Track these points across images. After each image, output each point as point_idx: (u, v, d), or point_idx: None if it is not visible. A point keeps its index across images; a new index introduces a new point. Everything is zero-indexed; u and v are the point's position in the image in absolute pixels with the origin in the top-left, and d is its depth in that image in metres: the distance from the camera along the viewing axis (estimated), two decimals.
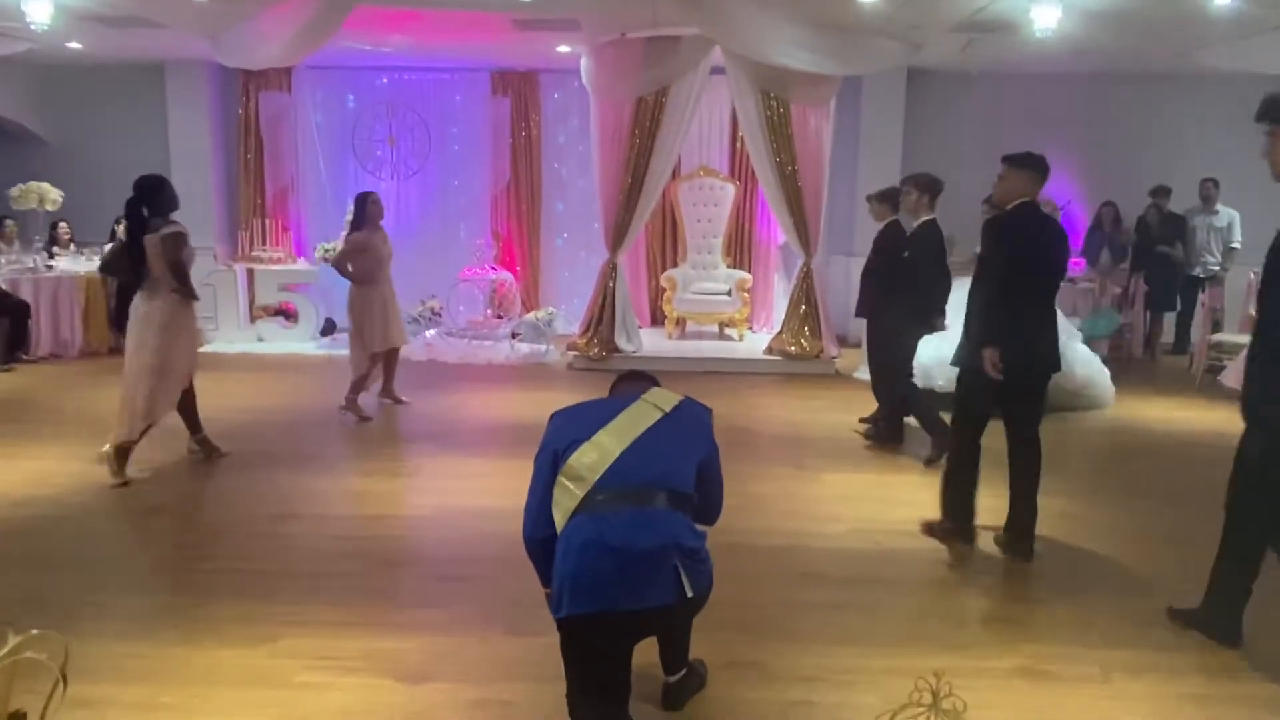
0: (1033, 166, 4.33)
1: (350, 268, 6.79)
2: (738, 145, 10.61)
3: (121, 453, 5.28)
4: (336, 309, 9.54)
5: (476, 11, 7.94)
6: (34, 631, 1.72)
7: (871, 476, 5.39)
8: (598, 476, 2.72)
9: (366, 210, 6.83)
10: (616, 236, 9.19)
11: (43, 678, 1.70)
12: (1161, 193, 10.00)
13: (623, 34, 8.68)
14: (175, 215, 5.44)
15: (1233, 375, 7.89)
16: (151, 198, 5.40)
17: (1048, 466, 4.39)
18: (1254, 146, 4.05)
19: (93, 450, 5.82)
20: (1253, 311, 9.02)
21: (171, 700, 3.03)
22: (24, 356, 8.88)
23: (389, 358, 7.18)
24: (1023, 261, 4.19)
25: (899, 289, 5.93)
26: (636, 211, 9.11)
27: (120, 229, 9.78)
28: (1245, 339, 8.42)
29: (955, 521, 4.50)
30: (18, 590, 3.92)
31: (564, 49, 9.60)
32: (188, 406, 5.67)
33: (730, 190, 10.46)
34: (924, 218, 5.89)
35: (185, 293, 5.39)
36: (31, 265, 9.30)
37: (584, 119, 10.11)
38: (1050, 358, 4.31)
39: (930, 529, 4.58)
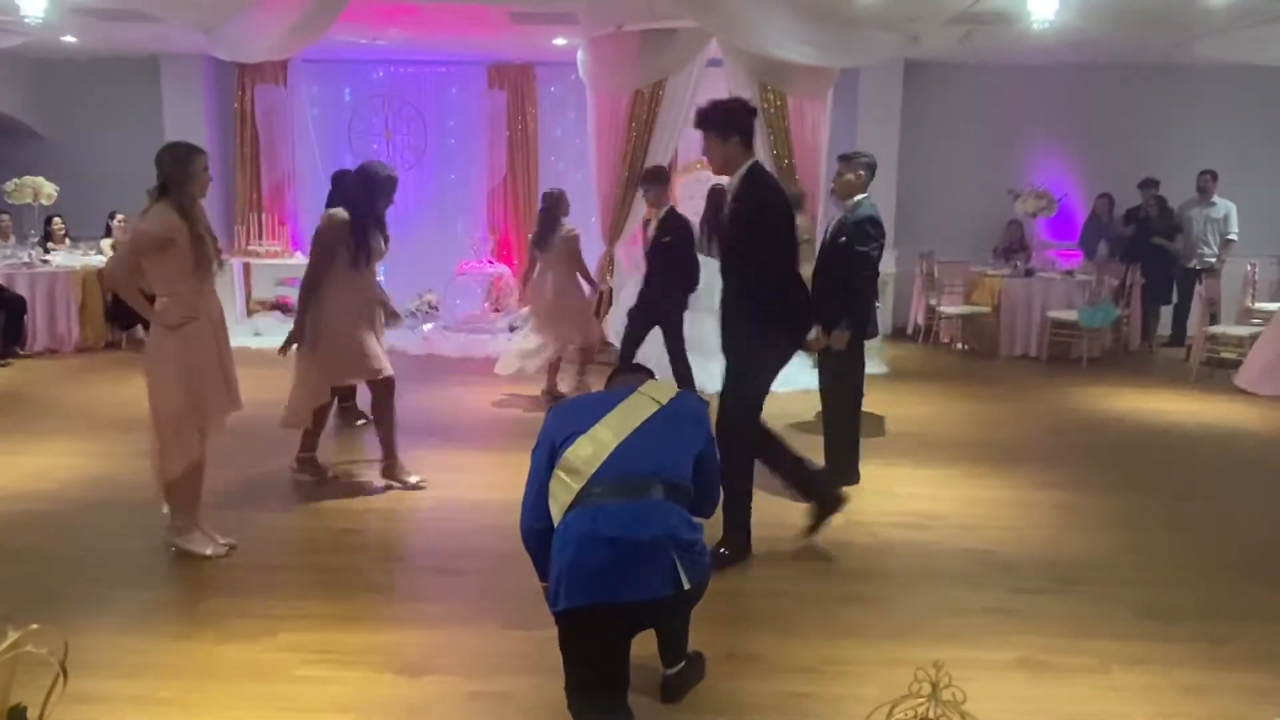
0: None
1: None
2: None
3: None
4: None
5: (473, 4, 7.92)
6: (34, 626, 1.71)
7: (869, 470, 5.39)
8: (594, 469, 2.73)
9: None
10: (614, 229, 9.20)
11: (43, 672, 1.70)
12: (1153, 184, 10.02)
13: (619, 27, 8.65)
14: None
15: (1244, 377, 7.87)
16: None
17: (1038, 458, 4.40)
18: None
19: (90, 445, 5.83)
20: (1249, 304, 9.09)
21: (170, 694, 3.04)
22: (20, 351, 8.86)
23: (584, 354, 7.52)
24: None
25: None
26: (634, 204, 9.11)
27: (114, 223, 9.85)
28: (1244, 331, 8.48)
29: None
30: (17, 585, 3.92)
31: (560, 42, 9.58)
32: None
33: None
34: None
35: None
36: (27, 260, 9.28)
37: (581, 112, 10.08)
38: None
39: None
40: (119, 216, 9.76)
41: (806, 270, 8.44)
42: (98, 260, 9.69)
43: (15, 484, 5.16)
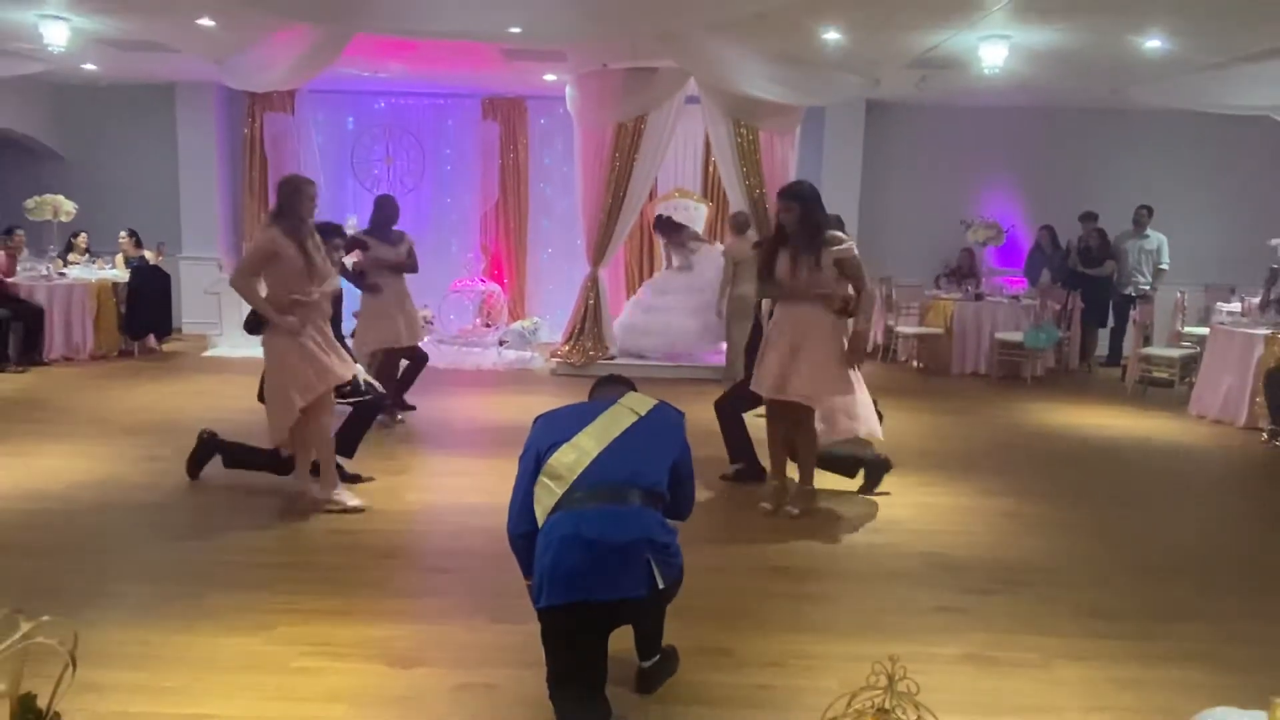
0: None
1: None
2: (710, 168, 10.64)
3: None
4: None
5: (468, 41, 7.94)
6: (45, 618, 1.68)
7: (829, 478, 5.39)
8: (576, 475, 2.73)
9: None
10: (598, 252, 9.21)
11: (53, 662, 1.67)
12: (1093, 217, 10.15)
13: (604, 65, 8.72)
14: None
15: (1197, 402, 7.75)
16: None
17: (987, 468, 4.41)
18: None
19: (101, 448, 5.76)
20: (1179, 328, 9.20)
21: (173, 684, 2.99)
22: (38, 359, 8.75)
23: None
24: None
25: None
26: (616, 229, 9.14)
27: (123, 239, 9.83)
28: (1174, 352, 8.58)
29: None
30: (30, 579, 3.85)
31: (550, 78, 9.61)
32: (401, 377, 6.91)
33: (703, 210, 10.47)
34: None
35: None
36: (45, 273, 9.17)
37: (568, 143, 10.11)
38: None
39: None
40: (121, 234, 9.93)
41: (749, 290, 8.44)
42: (113, 274, 9.59)
43: (30, 484, 5.09)
